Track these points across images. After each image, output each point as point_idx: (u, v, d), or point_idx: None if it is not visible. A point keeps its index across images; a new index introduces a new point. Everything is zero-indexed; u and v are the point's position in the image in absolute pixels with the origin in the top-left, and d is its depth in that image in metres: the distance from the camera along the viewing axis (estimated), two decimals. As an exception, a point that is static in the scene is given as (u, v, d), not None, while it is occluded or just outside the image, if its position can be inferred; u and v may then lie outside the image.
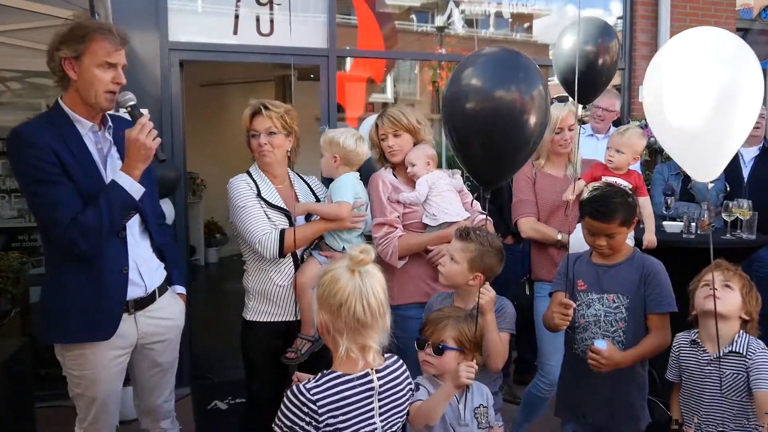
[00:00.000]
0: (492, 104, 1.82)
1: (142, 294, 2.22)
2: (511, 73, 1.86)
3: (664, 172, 4.42)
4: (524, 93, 1.83)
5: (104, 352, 2.15)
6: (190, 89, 4.50)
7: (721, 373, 2.12)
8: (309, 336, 2.49)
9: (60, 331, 2.13)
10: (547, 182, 3.09)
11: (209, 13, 4.35)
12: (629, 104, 5.24)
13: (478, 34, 5.38)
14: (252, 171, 2.61)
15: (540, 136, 1.94)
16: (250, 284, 2.59)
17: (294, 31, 4.41)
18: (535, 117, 1.84)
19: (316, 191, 2.72)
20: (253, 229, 2.46)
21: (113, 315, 2.14)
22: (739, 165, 4.32)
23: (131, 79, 2.28)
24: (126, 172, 2.07)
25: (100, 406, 2.20)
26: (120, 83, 2.12)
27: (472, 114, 1.85)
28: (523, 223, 3.08)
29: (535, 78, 1.88)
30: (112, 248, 2.12)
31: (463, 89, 1.89)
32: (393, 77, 7.21)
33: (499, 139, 1.86)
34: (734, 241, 3.45)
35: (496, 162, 1.95)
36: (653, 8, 5.21)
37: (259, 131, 2.52)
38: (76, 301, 2.09)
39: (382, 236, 2.63)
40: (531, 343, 3.61)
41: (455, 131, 1.95)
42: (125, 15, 3.81)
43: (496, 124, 1.83)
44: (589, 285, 2.40)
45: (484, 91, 1.84)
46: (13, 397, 2.86)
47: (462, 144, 1.96)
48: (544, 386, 3.03)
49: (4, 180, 5.86)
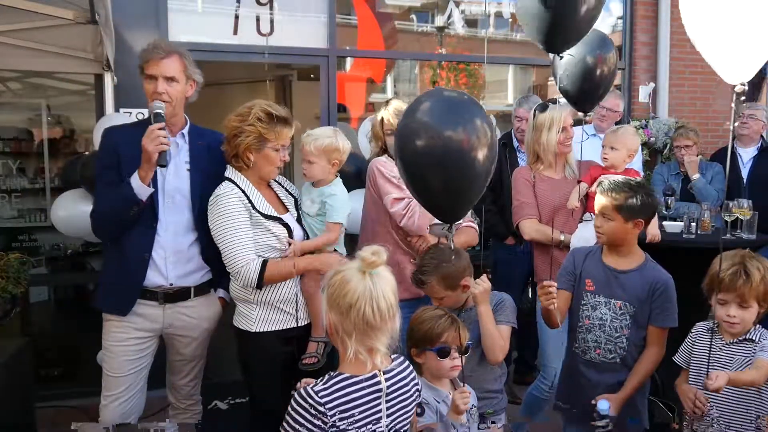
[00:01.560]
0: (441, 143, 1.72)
1: (163, 283, 2.38)
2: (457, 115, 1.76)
3: (664, 173, 4.42)
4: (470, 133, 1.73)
5: (126, 328, 2.39)
6: (190, 89, 4.49)
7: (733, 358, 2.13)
8: (322, 338, 2.45)
9: (97, 297, 2.48)
10: (547, 184, 3.09)
11: (209, 13, 4.35)
12: (629, 104, 5.24)
13: (478, 34, 5.38)
14: (235, 178, 2.39)
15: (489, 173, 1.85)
16: (251, 295, 2.39)
17: (294, 31, 4.41)
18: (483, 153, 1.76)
19: (289, 188, 2.62)
20: (234, 255, 2.30)
21: (130, 294, 2.37)
22: (738, 165, 4.33)
23: (131, 79, 2.34)
24: (138, 173, 2.27)
25: (113, 381, 2.40)
26: (159, 92, 2.34)
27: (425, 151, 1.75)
28: (525, 225, 3.06)
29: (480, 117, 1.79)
30: (142, 237, 2.35)
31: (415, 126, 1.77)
32: (393, 77, 7.22)
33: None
34: (734, 241, 3.45)
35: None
36: (653, 8, 5.21)
37: (287, 146, 2.43)
38: (109, 276, 2.45)
39: (404, 207, 2.65)
40: (531, 343, 3.61)
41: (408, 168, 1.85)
42: (125, 15, 3.82)
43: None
44: (598, 287, 2.39)
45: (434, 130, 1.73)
46: (13, 397, 2.86)
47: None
48: (546, 389, 3.02)
49: (5, 180, 5.88)
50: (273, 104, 2.40)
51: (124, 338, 2.39)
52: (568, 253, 2.63)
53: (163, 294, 2.40)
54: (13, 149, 5.99)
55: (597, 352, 2.40)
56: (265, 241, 2.37)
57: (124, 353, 2.40)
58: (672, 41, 5.12)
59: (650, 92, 5.18)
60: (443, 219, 1.96)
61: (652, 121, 5.06)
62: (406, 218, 2.64)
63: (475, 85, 6.79)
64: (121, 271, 2.37)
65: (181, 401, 2.63)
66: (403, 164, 1.84)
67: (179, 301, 2.44)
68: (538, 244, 3.10)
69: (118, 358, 2.40)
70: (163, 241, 2.38)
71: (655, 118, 5.10)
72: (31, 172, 6.07)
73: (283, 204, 2.54)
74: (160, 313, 2.41)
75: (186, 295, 2.45)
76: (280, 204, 2.53)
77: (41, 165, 6.03)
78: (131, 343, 2.40)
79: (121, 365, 2.40)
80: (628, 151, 3.07)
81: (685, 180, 4.27)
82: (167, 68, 2.33)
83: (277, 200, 2.53)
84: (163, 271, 2.38)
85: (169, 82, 2.34)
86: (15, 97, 6.03)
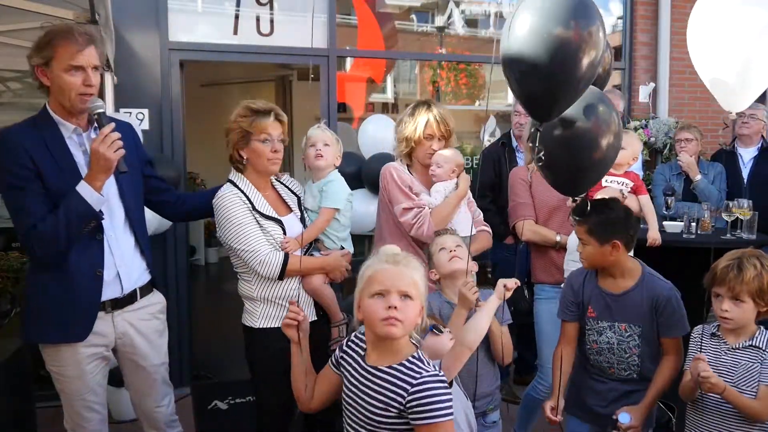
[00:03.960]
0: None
1: (118, 295, 2.22)
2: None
3: (665, 173, 4.42)
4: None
5: (80, 349, 2.16)
6: (190, 89, 4.50)
7: (738, 363, 2.10)
8: (341, 321, 2.53)
9: (37, 330, 2.17)
10: (544, 184, 3.02)
11: (209, 13, 4.35)
12: (629, 104, 5.24)
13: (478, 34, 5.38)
14: (236, 180, 2.42)
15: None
16: (255, 292, 2.42)
17: (294, 31, 4.41)
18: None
19: (293, 187, 2.63)
20: (254, 248, 2.33)
21: (87, 316, 2.16)
22: (739, 165, 4.33)
23: (131, 79, 2.29)
24: (88, 182, 2.05)
25: (81, 403, 2.22)
26: (90, 84, 2.08)
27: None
28: (521, 226, 3.05)
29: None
30: (87, 250, 2.13)
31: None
32: (393, 77, 7.21)
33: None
34: (734, 241, 3.45)
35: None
36: (653, 8, 5.20)
37: (273, 136, 2.39)
38: (50, 302, 2.12)
39: (413, 216, 2.66)
40: (531, 343, 3.60)
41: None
42: (125, 15, 3.82)
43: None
44: (599, 313, 2.36)
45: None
46: (13, 397, 2.86)
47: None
48: (544, 389, 3.01)
49: (4, 180, 5.89)
50: (254, 100, 2.44)
51: (82, 359, 2.17)
52: (565, 282, 2.58)
53: (110, 302, 2.20)
54: (13, 149, 6.00)
55: (611, 371, 2.38)
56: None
57: (84, 374, 2.19)
58: (672, 41, 5.12)
59: (650, 92, 5.18)
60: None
61: (652, 121, 5.06)
62: (416, 228, 2.65)
63: (475, 85, 6.79)
64: (70, 293, 2.10)
65: (164, 430, 2.44)
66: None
67: (126, 305, 2.26)
68: (535, 245, 3.10)
69: (79, 380, 2.19)
70: (113, 250, 2.20)
71: (655, 118, 5.10)
72: (31, 172, 6.07)
73: (286, 204, 2.54)
74: (110, 323, 2.21)
75: (132, 299, 2.28)
76: (283, 204, 2.53)
77: (41, 165, 6.04)
78: (90, 361, 2.19)
79: (85, 385, 2.20)
80: (633, 152, 3.05)
81: (686, 180, 4.27)
82: (93, 57, 2.09)
83: (279, 201, 2.53)
84: (115, 282, 2.21)
85: (95, 72, 2.11)
86: (15, 97, 6.02)
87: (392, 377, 1.64)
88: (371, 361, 1.71)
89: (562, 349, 2.42)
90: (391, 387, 1.63)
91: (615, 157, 2.08)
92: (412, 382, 1.60)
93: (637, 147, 3.09)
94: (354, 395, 1.72)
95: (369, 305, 1.66)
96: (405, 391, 1.60)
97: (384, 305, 1.63)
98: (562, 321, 2.47)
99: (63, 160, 2.10)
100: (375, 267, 1.71)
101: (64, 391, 2.23)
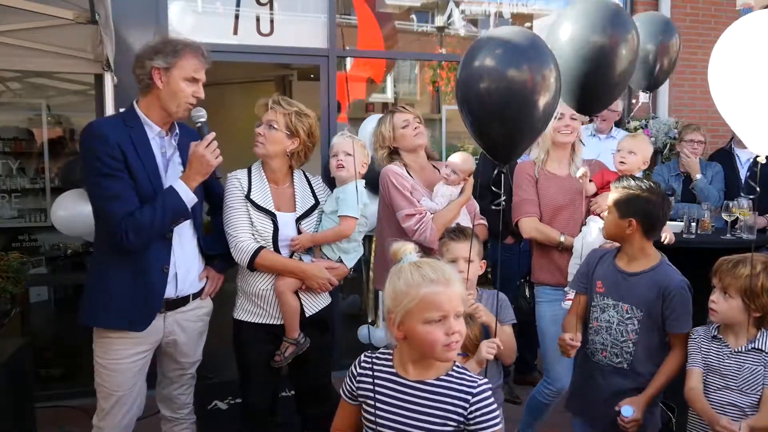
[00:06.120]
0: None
1: (172, 295, 2.32)
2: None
3: (664, 173, 4.42)
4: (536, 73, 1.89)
5: (131, 345, 2.27)
6: (190, 89, 4.49)
7: (741, 367, 2.12)
8: (292, 339, 2.52)
9: (99, 315, 2.24)
10: (551, 182, 3.00)
11: (209, 13, 4.35)
12: (629, 104, 5.24)
13: (478, 34, 5.38)
14: (254, 167, 2.59)
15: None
16: (239, 282, 2.60)
17: (294, 31, 4.41)
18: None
19: (318, 193, 2.67)
20: (233, 233, 2.46)
21: (151, 309, 2.26)
22: (736, 166, 4.34)
23: (132, 79, 2.31)
24: (184, 182, 2.22)
25: (116, 400, 2.30)
26: (199, 97, 2.26)
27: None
28: (525, 223, 2.98)
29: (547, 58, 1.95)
30: (155, 248, 2.24)
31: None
32: (393, 77, 7.21)
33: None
34: (734, 241, 3.45)
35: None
36: (653, 8, 5.20)
37: (262, 121, 2.53)
38: (118, 291, 2.21)
39: (416, 223, 2.68)
40: (531, 343, 3.60)
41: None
42: (125, 15, 3.81)
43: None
44: (607, 288, 2.37)
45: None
46: (13, 397, 2.86)
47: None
48: (550, 393, 2.98)
49: (5, 180, 5.87)
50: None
51: (130, 354, 2.28)
52: (586, 255, 2.58)
53: (164, 302, 2.32)
54: (13, 149, 5.98)
55: (603, 354, 2.38)
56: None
57: (128, 369, 2.28)
58: (672, 41, 5.11)
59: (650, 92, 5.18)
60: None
61: (652, 121, 5.06)
62: (418, 233, 2.67)
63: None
64: (138, 285, 2.22)
65: (176, 412, 2.57)
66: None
67: (179, 308, 2.38)
68: (538, 244, 3.04)
69: (122, 375, 2.28)
70: (176, 251, 2.31)
71: (655, 118, 5.10)
72: (31, 172, 6.07)
73: (294, 203, 2.57)
74: (161, 323, 2.33)
75: (185, 301, 2.40)
76: (290, 202, 2.56)
77: (41, 165, 6.02)
78: (137, 358, 2.30)
79: (126, 381, 2.29)
80: (644, 157, 3.00)
81: (686, 180, 4.27)
82: (204, 75, 2.31)
83: (288, 198, 2.57)
84: (178, 282, 2.33)
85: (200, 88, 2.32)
86: (15, 97, 6.02)
87: (446, 389, 1.59)
88: (413, 376, 1.62)
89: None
90: (448, 399, 1.58)
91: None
92: (472, 392, 1.57)
93: (647, 152, 3.01)
94: (397, 416, 1.62)
95: (427, 332, 1.54)
96: (466, 402, 1.56)
97: (445, 331, 1.54)
98: (576, 292, 2.52)
99: (146, 158, 2.22)
100: (425, 288, 1.55)
101: (102, 385, 2.30)
